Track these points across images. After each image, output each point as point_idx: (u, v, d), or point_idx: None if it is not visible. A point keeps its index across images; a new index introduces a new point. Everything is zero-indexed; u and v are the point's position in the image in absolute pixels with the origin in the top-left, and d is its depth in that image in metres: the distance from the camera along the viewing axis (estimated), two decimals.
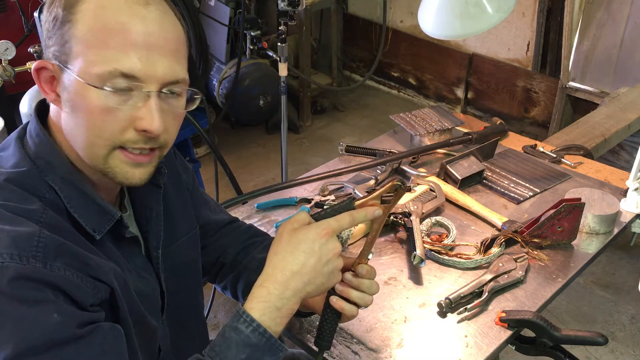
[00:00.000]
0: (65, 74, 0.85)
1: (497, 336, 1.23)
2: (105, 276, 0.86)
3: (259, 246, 1.26)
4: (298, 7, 2.51)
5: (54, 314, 0.77)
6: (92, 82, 0.83)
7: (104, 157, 0.88)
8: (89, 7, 0.84)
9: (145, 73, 0.85)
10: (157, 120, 0.86)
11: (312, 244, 0.91)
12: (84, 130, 0.86)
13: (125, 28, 0.83)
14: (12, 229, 0.79)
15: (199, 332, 1.21)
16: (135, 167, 0.90)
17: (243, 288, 1.23)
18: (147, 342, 0.99)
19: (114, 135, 0.86)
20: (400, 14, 4.43)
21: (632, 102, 2.88)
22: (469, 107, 4.25)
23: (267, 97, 3.61)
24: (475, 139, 1.87)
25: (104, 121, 0.85)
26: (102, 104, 0.84)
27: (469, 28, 1.65)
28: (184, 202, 1.15)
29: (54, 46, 0.85)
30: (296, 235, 0.92)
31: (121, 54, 0.83)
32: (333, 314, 1.01)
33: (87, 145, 0.87)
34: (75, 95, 0.85)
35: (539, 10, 3.61)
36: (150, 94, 0.86)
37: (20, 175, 0.86)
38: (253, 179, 3.59)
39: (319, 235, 0.92)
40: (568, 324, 2.56)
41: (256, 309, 0.89)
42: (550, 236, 1.47)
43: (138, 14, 0.84)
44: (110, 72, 0.83)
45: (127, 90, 0.85)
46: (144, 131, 0.87)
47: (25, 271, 0.77)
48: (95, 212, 0.90)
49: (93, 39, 0.83)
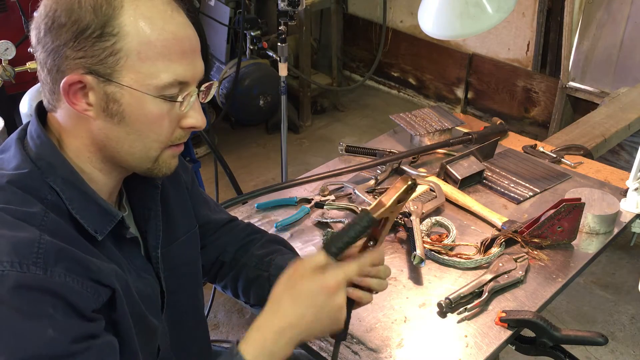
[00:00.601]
0: (110, 86, 0.86)
1: (497, 336, 1.23)
2: (107, 278, 0.86)
3: (257, 243, 1.27)
4: (298, 7, 2.51)
5: (49, 329, 0.78)
6: (151, 93, 0.87)
7: (156, 158, 0.93)
8: (132, 19, 0.84)
9: (193, 77, 0.91)
10: (202, 116, 0.94)
11: (315, 297, 0.91)
12: (140, 138, 0.90)
13: (177, 37, 0.88)
14: (12, 235, 0.79)
15: (199, 331, 1.21)
16: (175, 158, 0.97)
17: (243, 286, 1.24)
18: (147, 341, 0.99)
19: (167, 138, 0.92)
20: (400, 14, 4.43)
21: (632, 102, 2.88)
22: (469, 107, 4.25)
23: (267, 97, 3.61)
24: (475, 139, 1.87)
25: (162, 126, 0.90)
26: (162, 111, 0.89)
27: (469, 28, 1.65)
28: (183, 201, 1.16)
29: (83, 58, 0.84)
30: (301, 283, 0.92)
31: (177, 63, 0.88)
32: (348, 304, 0.99)
33: (141, 151, 0.91)
34: (129, 106, 0.87)
35: (539, 10, 3.61)
36: (193, 93, 0.92)
37: (22, 177, 0.86)
38: (253, 179, 3.59)
39: (324, 289, 0.91)
40: (568, 324, 2.56)
41: (250, 353, 0.90)
42: (550, 236, 1.47)
43: (178, 20, 0.89)
44: (170, 82, 0.88)
45: (177, 94, 0.90)
46: (190, 128, 0.94)
47: (25, 280, 0.77)
48: (97, 213, 0.90)
49: (149, 51, 0.85)
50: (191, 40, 0.90)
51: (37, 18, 0.87)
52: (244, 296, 1.26)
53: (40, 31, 0.86)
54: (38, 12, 0.87)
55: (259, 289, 1.21)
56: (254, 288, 1.22)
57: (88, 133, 0.90)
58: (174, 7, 0.89)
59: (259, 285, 1.21)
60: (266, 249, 1.24)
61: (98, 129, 0.89)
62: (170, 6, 0.89)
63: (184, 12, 0.92)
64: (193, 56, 0.91)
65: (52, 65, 0.87)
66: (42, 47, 0.87)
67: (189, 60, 0.89)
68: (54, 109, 0.91)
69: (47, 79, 0.89)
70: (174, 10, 0.89)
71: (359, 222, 0.93)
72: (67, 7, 0.84)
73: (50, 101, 0.91)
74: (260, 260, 1.22)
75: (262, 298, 1.20)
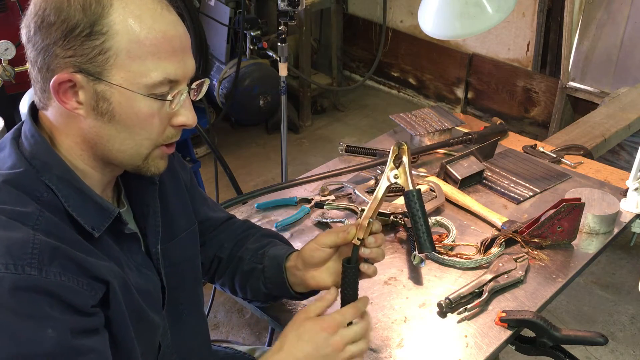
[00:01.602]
0: (100, 84, 0.86)
1: (497, 336, 1.23)
2: (102, 274, 0.86)
3: (252, 237, 1.28)
4: (298, 7, 2.51)
5: (48, 329, 0.78)
6: (141, 91, 0.87)
7: (146, 156, 0.93)
8: (121, 18, 0.84)
9: (183, 75, 0.91)
10: (193, 115, 0.94)
11: (316, 336, 0.99)
12: (130, 136, 0.90)
13: (167, 36, 0.87)
14: (6, 236, 0.80)
15: (200, 328, 1.22)
16: (164, 159, 0.97)
17: (240, 280, 1.25)
18: (147, 338, 0.99)
19: (158, 136, 0.92)
20: (400, 14, 4.43)
21: (632, 102, 2.88)
22: (469, 107, 4.25)
23: (267, 97, 3.61)
24: (475, 139, 1.87)
25: (152, 125, 0.90)
26: (152, 110, 0.89)
27: (469, 28, 1.65)
28: (182, 198, 1.16)
29: (73, 57, 0.85)
30: (305, 324, 1.00)
31: (167, 62, 0.88)
32: (422, 213, 1.07)
33: (132, 149, 0.91)
34: (119, 105, 0.87)
35: (539, 10, 3.61)
36: (183, 91, 0.91)
37: (17, 176, 0.87)
38: (253, 179, 3.59)
39: (322, 329, 0.99)
40: (568, 324, 2.56)
41: None
42: (550, 236, 1.47)
43: (168, 19, 0.89)
44: (160, 81, 0.87)
45: (167, 92, 0.90)
46: (181, 126, 0.94)
47: (21, 281, 0.77)
48: (94, 209, 0.90)
49: (138, 50, 0.85)
50: (181, 38, 0.90)
51: (27, 16, 0.87)
52: (241, 291, 1.27)
53: (30, 30, 0.87)
54: (28, 10, 0.87)
55: (255, 281, 1.22)
56: (250, 281, 1.23)
57: (79, 131, 0.90)
58: (164, 6, 0.89)
59: (254, 278, 1.22)
60: (260, 242, 1.26)
61: (89, 127, 0.89)
62: (160, 4, 0.89)
63: (175, 11, 0.92)
64: (183, 54, 0.90)
65: (43, 63, 0.87)
66: (33, 46, 0.87)
67: (179, 58, 0.89)
68: (45, 107, 0.92)
69: (37, 77, 0.89)
70: (163, 8, 0.89)
71: (346, 274, 1.07)
72: (56, 6, 0.84)
73: (41, 99, 0.91)
74: (254, 253, 1.23)
75: (258, 291, 1.22)
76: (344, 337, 0.99)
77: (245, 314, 2.66)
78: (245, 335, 2.57)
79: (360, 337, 1.02)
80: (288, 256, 1.19)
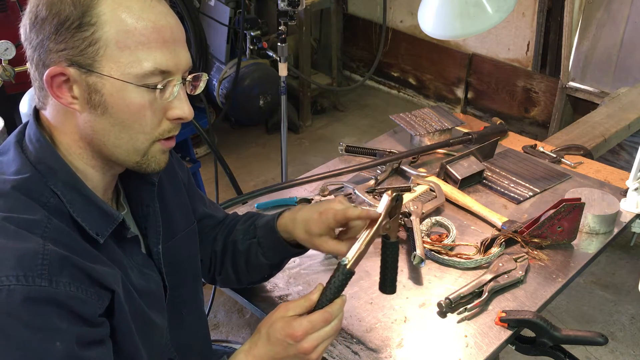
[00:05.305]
0: (92, 77, 0.86)
1: (497, 336, 1.23)
2: (108, 282, 0.87)
3: (239, 222, 1.28)
4: (298, 7, 2.51)
5: (57, 342, 0.79)
6: (132, 81, 0.86)
7: (145, 151, 0.93)
8: (110, 8, 0.84)
9: (176, 66, 0.90)
10: (189, 107, 0.93)
11: (283, 340, 0.96)
12: (124, 129, 0.89)
13: (157, 26, 0.87)
14: (16, 247, 0.80)
15: (200, 327, 1.22)
16: (165, 154, 0.96)
17: (240, 263, 1.25)
18: (150, 338, 1.00)
19: (154, 129, 0.92)
20: (400, 14, 4.43)
21: (632, 102, 2.88)
22: (469, 107, 4.25)
23: (267, 97, 3.61)
24: (475, 139, 1.87)
25: (145, 117, 0.90)
26: (144, 101, 0.88)
27: (469, 28, 1.65)
28: (181, 198, 1.17)
29: (65, 50, 0.85)
30: (275, 325, 0.97)
31: (157, 52, 0.87)
32: (392, 260, 1.11)
33: (128, 143, 0.90)
34: (111, 96, 0.87)
35: (539, 10, 3.61)
36: (178, 84, 0.91)
37: (24, 182, 0.87)
38: (253, 179, 3.59)
39: (289, 335, 0.96)
40: (568, 324, 2.56)
41: None
42: (550, 236, 1.47)
43: (158, 9, 0.88)
44: (151, 71, 0.87)
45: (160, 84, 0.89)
46: (177, 119, 0.93)
47: (32, 293, 0.78)
48: (98, 215, 0.91)
49: (128, 40, 0.85)
50: (172, 29, 0.90)
51: (24, 16, 0.88)
52: (246, 276, 1.26)
53: (27, 27, 0.87)
54: (26, 9, 0.88)
55: (254, 258, 1.22)
56: (250, 259, 1.23)
57: (75, 128, 0.90)
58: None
59: (253, 254, 1.22)
60: (247, 222, 1.27)
61: (84, 122, 0.89)
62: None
63: (167, 2, 0.92)
64: (175, 45, 0.90)
65: (38, 60, 0.87)
66: (29, 43, 0.88)
67: (170, 49, 0.89)
68: (43, 107, 0.92)
69: (35, 75, 0.90)
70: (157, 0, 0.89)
71: (337, 276, 1.00)
72: (48, 1, 0.85)
73: (39, 98, 0.92)
74: (245, 231, 1.24)
75: (261, 267, 1.23)
76: (312, 341, 0.96)
77: (245, 314, 2.66)
78: (245, 335, 2.57)
79: (329, 337, 0.99)
80: (277, 217, 1.19)
